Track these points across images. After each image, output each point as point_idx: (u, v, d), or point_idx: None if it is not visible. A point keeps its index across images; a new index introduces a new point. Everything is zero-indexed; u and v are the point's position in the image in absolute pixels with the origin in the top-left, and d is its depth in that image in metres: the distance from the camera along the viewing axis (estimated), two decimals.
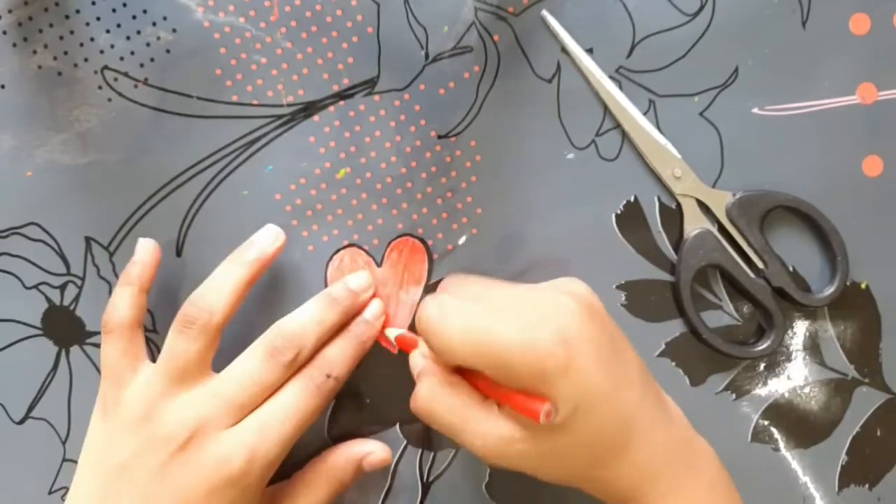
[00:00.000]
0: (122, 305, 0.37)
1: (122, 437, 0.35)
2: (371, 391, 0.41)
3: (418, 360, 0.36)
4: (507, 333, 0.31)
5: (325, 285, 0.40)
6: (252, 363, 0.36)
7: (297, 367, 0.36)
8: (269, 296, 0.40)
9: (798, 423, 0.42)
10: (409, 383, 0.36)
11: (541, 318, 0.32)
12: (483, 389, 0.34)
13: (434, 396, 0.34)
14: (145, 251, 0.38)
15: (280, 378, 0.36)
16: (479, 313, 0.33)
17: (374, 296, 0.40)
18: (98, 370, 0.40)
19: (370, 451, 0.39)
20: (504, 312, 0.33)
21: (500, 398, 0.33)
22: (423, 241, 0.41)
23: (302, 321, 0.37)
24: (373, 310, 0.39)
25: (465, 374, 0.35)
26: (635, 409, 0.33)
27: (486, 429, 0.33)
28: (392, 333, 0.39)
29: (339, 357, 0.37)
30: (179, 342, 0.36)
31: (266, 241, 0.38)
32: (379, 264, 0.40)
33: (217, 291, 0.36)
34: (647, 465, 0.34)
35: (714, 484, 0.35)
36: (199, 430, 0.34)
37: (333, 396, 0.37)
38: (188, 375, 0.35)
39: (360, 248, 0.40)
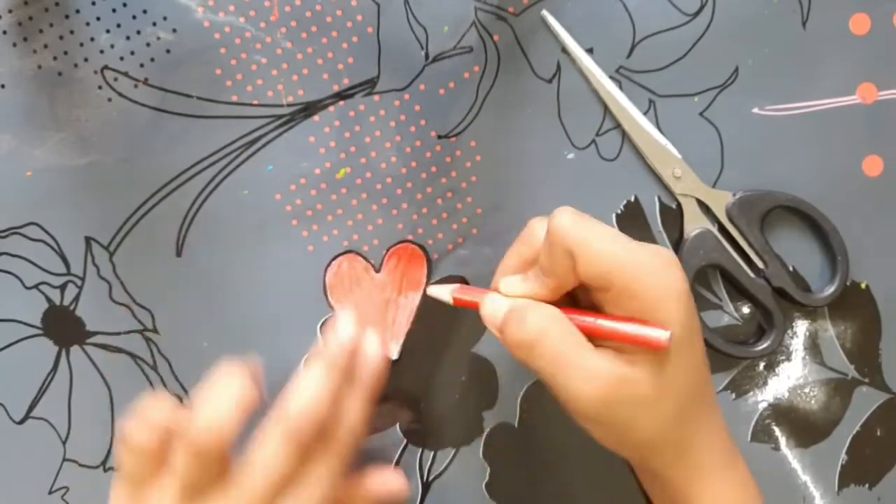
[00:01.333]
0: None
1: None
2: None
3: (499, 302, 0.34)
4: (642, 253, 0.31)
5: (325, 291, 0.40)
6: (274, 453, 0.32)
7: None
8: (269, 296, 0.40)
9: (798, 423, 0.42)
10: (408, 384, 0.35)
11: (662, 252, 0.32)
12: (585, 330, 0.32)
13: (545, 326, 0.31)
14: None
15: (303, 457, 0.33)
16: (617, 231, 0.32)
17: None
18: (98, 370, 0.40)
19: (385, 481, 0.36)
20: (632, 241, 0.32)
21: (605, 333, 0.31)
22: (422, 247, 0.41)
23: (313, 396, 0.33)
24: (371, 354, 0.36)
25: (566, 312, 0.32)
26: (706, 364, 0.34)
27: (597, 366, 0.31)
28: (441, 292, 0.37)
29: (357, 420, 0.34)
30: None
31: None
32: (377, 269, 0.40)
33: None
34: (718, 429, 0.34)
35: (749, 479, 0.35)
36: None
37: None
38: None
39: (359, 253, 0.40)
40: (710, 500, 0.34)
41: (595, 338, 0.32)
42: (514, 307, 0.33)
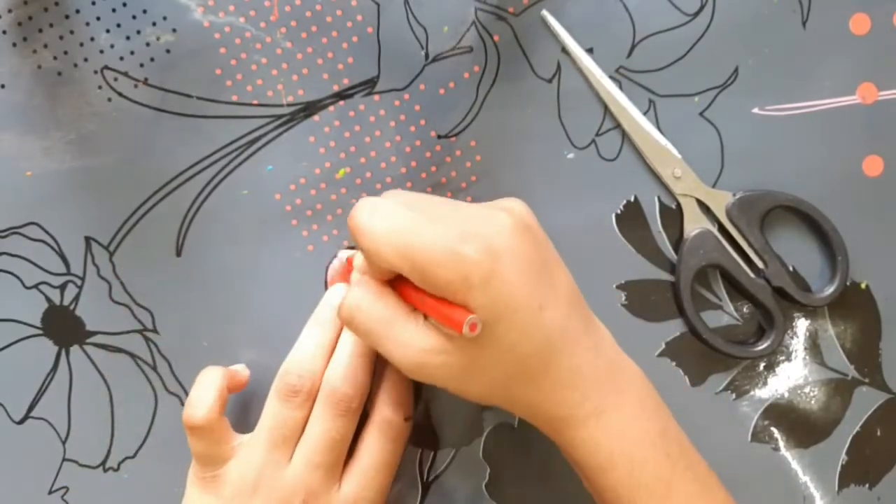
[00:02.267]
0: (206, 401, 0.37)
1: None
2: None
3: (354, 275, 0.36)
4: (433, 238, 0.31)
5: (325, 287, 0.40)
6: (325, 423, 0.37)
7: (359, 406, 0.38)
8: (269, 296, 0.40)
9: (798, 423, 0.42)
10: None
11: (469, 228, 0.32)
12: (410, 300, 0.33)
13: (359, 304, 0.34)
14: (241, 367, 0.40)
15: (353, 423, 0.37)
16: (409, 217, 0.32)
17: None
18: (98, 370, 0.40)
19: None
20: (435, 220, 0.32)
21: (425, 308, 0.32)
22: None
23: (346, 363, 0.37)
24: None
25: (396, 287, 0.34)
26: (560, 328, 0.33)
27: (408, 338, 0.33)
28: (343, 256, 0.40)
29: (403, 395, 0.38)
30: (285, 410, 0.37)
31: (337, 300, 0.38)
32: None
33: (311, 356, 0.38)
34: (571, 386, 0.33)
35: (643, 403, 0.35)
36: (308, 500, 0.36)
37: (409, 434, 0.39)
38: (289, 442, 0.37)
39: None
40: (577, 448, 0.34)
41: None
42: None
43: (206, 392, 0.37)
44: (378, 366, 0.38)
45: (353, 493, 0.37)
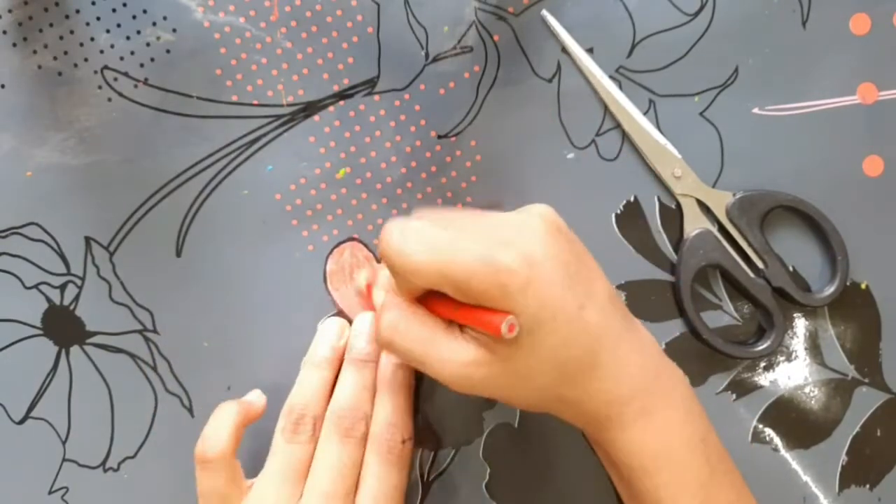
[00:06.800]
0: (221, 436, 0.36)
1: None
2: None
3: (378, 295, 0.36)
4: (469, 252, 0.31)
5: (325, 279, 0.40)
6: (333, 450, 0.36)
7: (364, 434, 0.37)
8: (269, 296, 0.40)
9: (798, 424, 0.42)
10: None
11: (504, 238, 0.32)
12: (445, 314, 0.33)
13: (396, 326, 0.34)
14: (256, 396, 0.39)
15: (360, 451, 0.37)
16: (441, 233, 0.32)
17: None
18: (98, 371, 0.40)
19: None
20: (467, 233, 0.32)
21: (462, 318, 0.32)
22: None
23: (352, 392, 0.37)
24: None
25: (427, 303, 0.34)
26: (602, 329, 0.33)
27: (450, 354, 0.32)
28: (361, 279, 0.40)
29: (400, 416, 0.38)
30: (293, 447, 0.37)
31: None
32: (379, 260, 0.40)
33: (313, 393, 0.38)
34: (616, 387, 0.33)
35: (688, 406, 0.35)
36: None
37: (412, 456, 0.39)
38: (300, 477, 0.36)
39: (361, 242, 0.40)
40: (620, 451, 0.34)
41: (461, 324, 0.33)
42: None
43: (221, 426, 0.36)
44: (377, 391, 0.38)
45: None
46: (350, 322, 0.40)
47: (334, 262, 0.40)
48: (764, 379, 0.42)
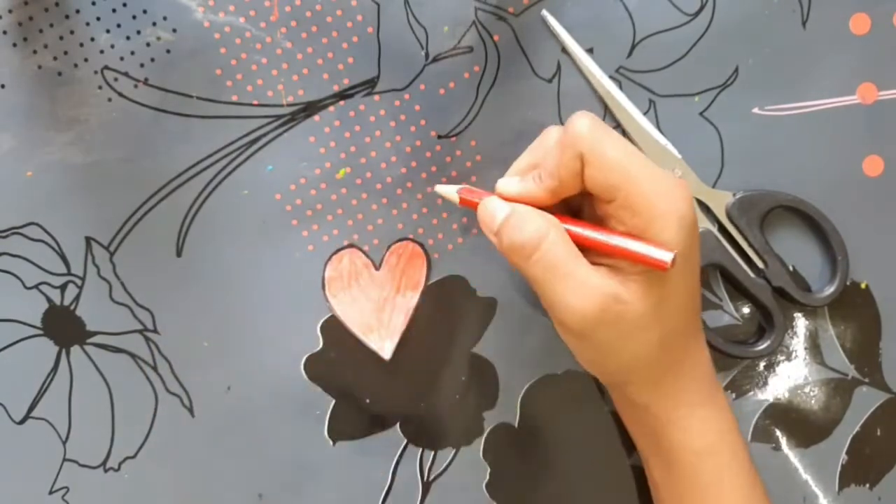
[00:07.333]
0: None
1: None
2: (371, 392, 0.41)
3: (498, 205, 0.33)
4: (656, 170, 0.31)
5: (323, 287, 0.40)
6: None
7: None
8: (269, 296, 0.40)
9: (798, 423, 0.42)
10: (408, 384, 0.35)
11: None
12: (587, 243, 0.31)
13: (544, 232, 0.31)
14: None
15: None
16: (632, 148, 0.32)
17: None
18: (99, 370, 0.40)
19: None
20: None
21: (610, 248, 0.30)
22: (422, 245, 0.41)
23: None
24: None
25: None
26: (699, 304, 0.35)
27: (592, 280, 0.30)
28: (448, 190, 0.37)
29: None
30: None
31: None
32: (377, 267, 0.40)
33: None
34: (703, 360, 0.35)
35: (725, 397, 0.37)
36: None
37: None
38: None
39: (360, 249, 0.40)
40: (687, 430, 0.34)
41: (592, 253, 0.31)
42: (514, 211, 0.32)
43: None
44: None
45: None
46: (349, 322, 0.40)
47: (332, 268, 0.40)
48: (764, 379, 0.42)
